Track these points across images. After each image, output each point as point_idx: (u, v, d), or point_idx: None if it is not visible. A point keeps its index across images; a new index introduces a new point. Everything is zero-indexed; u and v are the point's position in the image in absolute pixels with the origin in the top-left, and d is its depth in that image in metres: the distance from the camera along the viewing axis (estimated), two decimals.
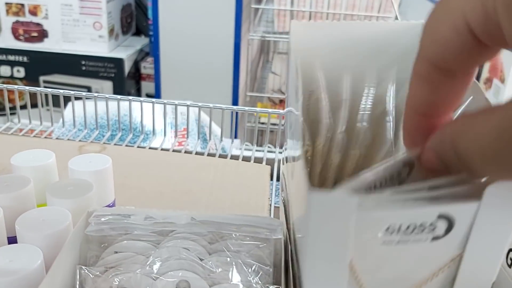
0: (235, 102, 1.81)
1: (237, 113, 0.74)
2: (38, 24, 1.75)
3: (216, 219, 0.36)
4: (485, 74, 2.67)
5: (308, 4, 1.76)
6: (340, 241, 0.20)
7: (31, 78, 1.80)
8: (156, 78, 1.85)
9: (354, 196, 0.19)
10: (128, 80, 1.85)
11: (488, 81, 2.64)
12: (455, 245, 0.21)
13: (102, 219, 0.35)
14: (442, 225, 0.21)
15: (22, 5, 1.72)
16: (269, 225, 0.36)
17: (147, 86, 1.94)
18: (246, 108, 0.70)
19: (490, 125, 0.17)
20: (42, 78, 1.80)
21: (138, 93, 1.94)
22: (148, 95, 1.94)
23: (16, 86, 0.70)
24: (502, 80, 2.51)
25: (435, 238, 0.21)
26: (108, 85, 1.83)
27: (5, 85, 0.69)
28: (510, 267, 0.33)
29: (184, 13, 1.73)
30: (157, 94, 1.85)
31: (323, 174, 0.32)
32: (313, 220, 0.20)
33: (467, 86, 0.21)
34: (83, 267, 0.34)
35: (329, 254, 0.21)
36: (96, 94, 0.69)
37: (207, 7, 1.73)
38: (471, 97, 0.27)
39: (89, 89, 1.81)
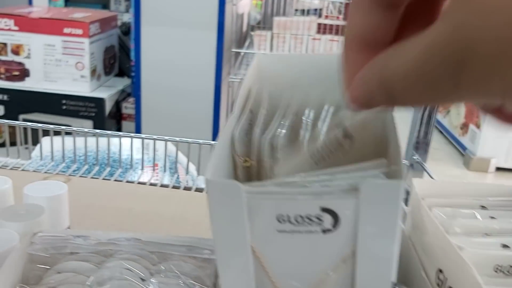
0: None
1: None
2: (20, 63, 1.77)
3: (159, 240, 0.37)
4: (461, 119, 2.73)
5: (286, 49, 1.81)
6: (235, 225, 0.22)
7: (10, 117, 1.80)
8: (137, 118, 1.87)
9: (240, 184, 0.21)
10: (109, 119, 1.86)
11: (464, 126, 2.70)
12: (346, 240, 0.23)
13: (46, 240, 0.36)
14: (328, 219, 0.22)
15: (5, 44, 1.75)
16: (211, 246, 0.36)
17: (128, 125, 1.95)
18: (212, 142, 0.71)
19: (418, 50, 0.18)
20: (22, 117, 1.81)
21: None
22: None
23: None
24: (478, 126, 2.57)
25: (326, 231, 0.23)
26: (88, 124, 1.84)
27: None
28: (439, 287, 0.34)
29: (166, 55, 1.77)
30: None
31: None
32: (210, 205, 0.22)
33: (396, 20, 0.22)
34: (23, 286, 0.34)
35: (229, 237, 0.23)
36: (64, 127, 0.71)
37: (189, 50, 1.77)
38: None
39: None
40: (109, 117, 1.86)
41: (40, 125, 0.73)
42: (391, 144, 0.26)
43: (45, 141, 0.78)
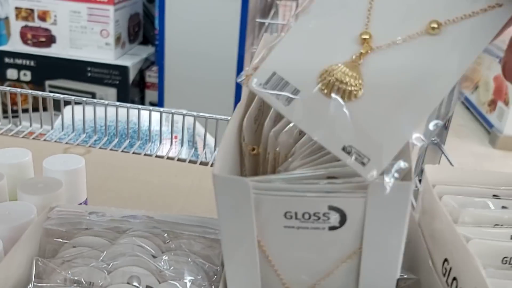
0: None
1: None
2: (47, 30, 1.79)
3: (171, 219, 0.38)
4: (489, 96, 2.67)
5: None
6: (242, 220, 0.23)
7: (37, 82, 1.83)
8: (160, 87, 1.87)
9: (247, 180, 0.21)
10: (133, 88, 1.88)
11: (492, 103, 2.64)
12: (352, 237, 0.23)
13: (62, 215, 0.37)
14: (335, 216, 0.22)
15: (32, 10, 1.76)
16: None
17: (151, 94, 1.97)
18: (229, 118, 0.72)
19: None
20: (47, 83, 1.84)
21: (142, 101, 1.97)
22: (151, 104, 1.97)
23: (8, 88, 0.73)
24: (507, 103, 2.51)
25: (332, 228, 0.23)
26: (112, 92, 1.86)
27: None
28: (444, 276, 0.35)
29: (190, 24, 1.76)
30: (160, 103, 1.88)
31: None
32: (217, 199, 0.22)
33: None
34: (40, 259, 0.35)
35: (236, 231, 0.23)
36: (84, 99, 0.72)
37: (213, 19, 1.76)
38: None
39: (93, 95, 1.84)
40: (133, 86, 1.87)
41: (61, 96, 0.74)
42: None
43: (66, 110, 0.79)
